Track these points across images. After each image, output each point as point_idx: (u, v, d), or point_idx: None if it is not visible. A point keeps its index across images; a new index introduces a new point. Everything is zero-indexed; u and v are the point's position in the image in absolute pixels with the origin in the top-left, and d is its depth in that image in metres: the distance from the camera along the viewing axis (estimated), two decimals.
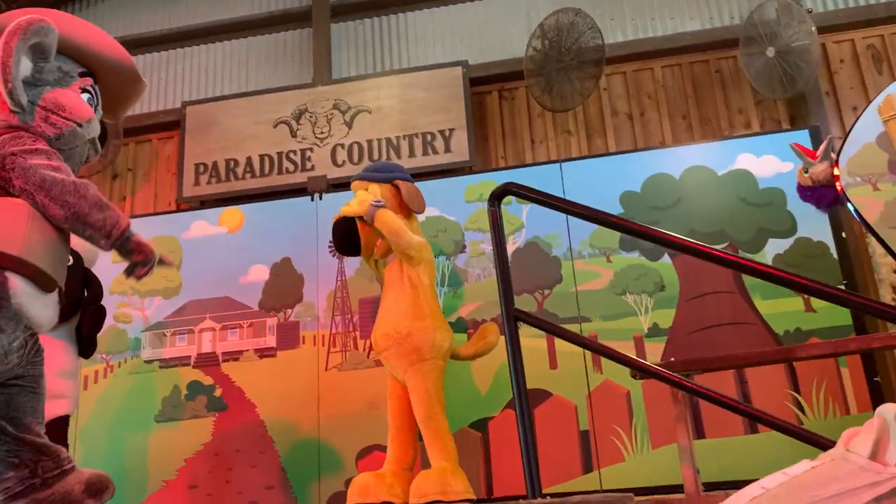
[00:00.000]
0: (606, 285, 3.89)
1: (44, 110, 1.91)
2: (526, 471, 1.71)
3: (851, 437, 0.92)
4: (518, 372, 1.84)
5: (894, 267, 3.70)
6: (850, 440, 0.91)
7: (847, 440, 0.92)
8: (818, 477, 0.87)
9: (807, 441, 1.91)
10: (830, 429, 3.37)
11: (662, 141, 4.47)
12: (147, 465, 3.99)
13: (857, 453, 0.87)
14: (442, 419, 2.95)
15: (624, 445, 3.61)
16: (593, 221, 1.97)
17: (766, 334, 3.67)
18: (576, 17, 4.37)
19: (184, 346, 4.22)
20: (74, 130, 1.96)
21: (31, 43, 1.86)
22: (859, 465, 0.85)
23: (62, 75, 1.99)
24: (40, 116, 1.91)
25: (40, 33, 1.87)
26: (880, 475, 0.83)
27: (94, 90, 2.08)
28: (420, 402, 2.95)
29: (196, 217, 4.49)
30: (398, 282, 3.10)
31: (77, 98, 1.99)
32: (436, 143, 4.57)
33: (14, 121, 1.88)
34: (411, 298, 3.05)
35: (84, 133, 1.99)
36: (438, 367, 3.03)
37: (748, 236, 3.85)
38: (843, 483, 0.84)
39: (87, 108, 2.00)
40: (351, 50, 5.14)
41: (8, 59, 1.80)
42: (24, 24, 1.82)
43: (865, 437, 0.88)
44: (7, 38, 1.80)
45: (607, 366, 3.72)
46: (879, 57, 4.42)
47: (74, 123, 1.96)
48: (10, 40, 1.80)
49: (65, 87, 1.98)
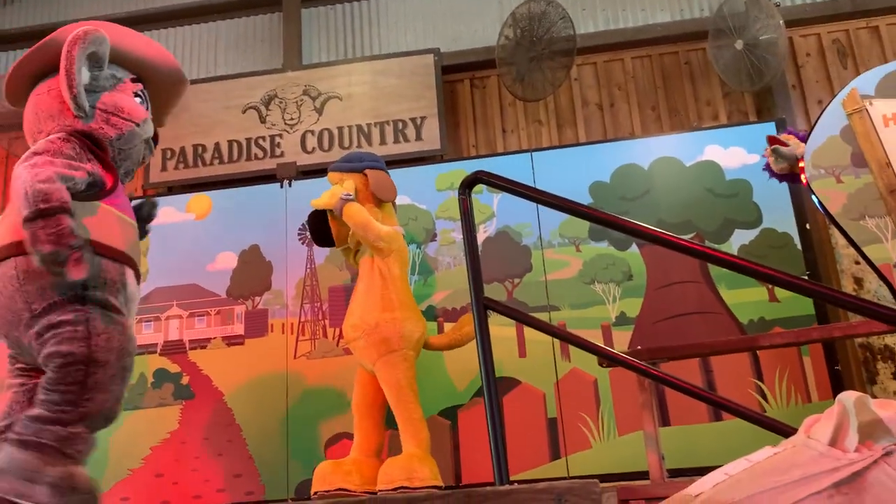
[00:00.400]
0: (575, 274, 3.92)
1: (104, 113, 2.05)
2: (494, 458, 1.72)
3: (812, 424, 0.94)
4: (487, 360, 1.84)
5: (856, 258, 3.78)
6: (811, 427, 0.93)
7: (808, 427, 0.94)
8: (780, 463, 0.89)
9: (769, 428, 1.95)
10: (792, 416, 3.44)
11: (632, 132, 4.50)
12: (111, 454, 3.94)
13: (818, 440, 0.88)
14: (414, 407, 2.96)
15: (591, 433, 3.65)
16: (563, 211, 1.98)
17: (731, 323, 3.73)
18: (547, 7, 4.37)
19: (150, 333, 4.17)
20: (133, 130, 2.10)
21: (89, 52, 1.99)
22: (819, 452, 0.87)
23: (116, 81, 2.13)
24: (101, 119, 2.04)
25: (96, 42, 2.01)
26: (839, 461, 0.84)
27: (143, 94, 2.22)
28: (391, 392, 2.97)
29: (163, 203, 4.42)
30: (369, 272, 3.11)
31: (132, 100, 2.14)
32: (407, 130, 4.55)
33: (78, 125, 2.01)
34: (380, 290, 3.06)
35: (141, 132, 2.14)
36: (409, 358, 3.04)
37: (715, 226, 3.90)
38: (803, 469, 0.85)
39: (142, 109, 2.16)
40: (322, 35, 5.09)
41: (72, 67, 1.93)
42: (82, 35, 1.96)
43: (826, 425, 0.89)
44: (69, 48, 1.94)
45: (575, 354, 3.75)
46: (844, 51, 4.49)
47: (133, 123, 2.10)
48: (72, 49, 1.94)
49: (120, 92, 2.12)
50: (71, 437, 1.81)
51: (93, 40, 1.99)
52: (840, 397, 0.89)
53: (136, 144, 2.14)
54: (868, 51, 4.45)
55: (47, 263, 1.76)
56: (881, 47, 4.44)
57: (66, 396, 1.80)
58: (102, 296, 1.90)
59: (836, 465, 0.84)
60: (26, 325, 1.87)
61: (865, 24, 4.50)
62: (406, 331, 3.02)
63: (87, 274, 1.80)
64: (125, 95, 2.12)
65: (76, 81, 1.94)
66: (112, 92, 2.09)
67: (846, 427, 0.87)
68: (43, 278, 1.83)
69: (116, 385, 1.91)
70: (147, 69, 2.24)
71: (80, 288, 1.85)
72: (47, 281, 1.83)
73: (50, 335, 1.83)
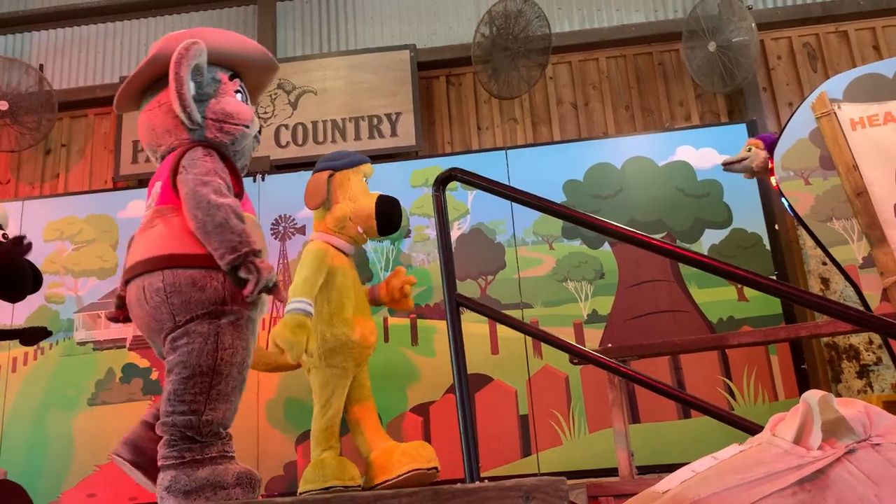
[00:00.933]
0: (548, 272, 3.94)
1: (215, 122, 2.17)
2: (465, 455, 1.72)
3: (777, 422, 0.95)
4: (459, 357, 1.84)
5: (823, 259, 3.84)
6: (777, 425, 0.94)
7: (773, 425, 0.95)
8: (746, 460, 0.90)
9: (737, 426, 1.97)
10: (759, 414, 3.50)
11: (606, 131, 4.53)
12: (79, 450, 3.89)
13: (783, 438, 0.90)
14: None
15: (562, 429, 3.68)
16: (537, 209, 1.99)
17: (701, 322, 3.78)
18: (523, 5, 4.38)
19: (119, 328, 4.11)
20: (244, 132, 2.23)
21: (193, 66, 2.12)
22: (784, 450, 0.88)
23: (217, 84, 2.23)
24: (214, 128, 2.17)
25: (197, 55, 2.13)
26: (803, 459, 0.86)
27: (243, 88, 2.33)
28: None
29: (134, 196, 4.37)
30: (353, 277, 3.14)
31: (237, 103, 2.25)
32: (382, 126, 4.53)
33: (194, 137, 2.15)
34: (362, 296, 3.17)
35: (251, 132, 2.27)
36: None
37: (685, 226, 3.95)
38: (768, 466, 0.87)
39: (248, 110, 2.26)
40: (297, 29, 5.05)
41: (182, 88, 2.07)
42: (184, 53, 2.09)
43: (790, 423, 0.91)
44: (176, 69, 2.07)
45: (547, 351, 3.77)
46: (814, 55, 4.56)
47: (243, 126, 2.22)
48: (180, 70, 2.08)
49: (224, 95, 2.23)
50: (209, 458, 1.95)
51: (194, 54, 2.12)
52: (805, 396, 0.91)
53: (246, 144, 2.28)
54: (837, 55, 4.53)
55: (259, 292, 1.97)
56: (850, 52, 4.51)
57: (192, 406, 1.94)
58: (238, 310, 2.04)
59: (800, 462, 0.85)
60: (166, 334, 2.01)
61: (835, 28, 4.57)
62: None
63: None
64: (229, 98, 2.23)
65: (188, 100, 2.08)
66: (217, 98, 2.20)
67: (810, 425, 0.88)
68: (187, 293, 1.98)
69: (235, 396, 2.05)
70: (242, 63, 2.33)
71: (220, 303, 2.00)
72: (191, 295, 1.97)
73: (182, 343, 1.97)
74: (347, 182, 3.15)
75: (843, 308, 1.44)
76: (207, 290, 1.98)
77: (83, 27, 5.19)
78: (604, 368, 2.10)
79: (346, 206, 3.10)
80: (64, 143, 4.93)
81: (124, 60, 5.09)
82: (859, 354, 3.81)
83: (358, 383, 3.10)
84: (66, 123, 4.96)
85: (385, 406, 3.78)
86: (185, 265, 2.00)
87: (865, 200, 2.99)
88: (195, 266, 2.00)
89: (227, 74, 2.27)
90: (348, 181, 3.16)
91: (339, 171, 3.18)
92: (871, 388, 3.73)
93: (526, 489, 1.05)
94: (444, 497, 1.10)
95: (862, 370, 3.78)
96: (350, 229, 3.10)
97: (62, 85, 5.01)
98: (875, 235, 2.94)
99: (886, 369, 3.73)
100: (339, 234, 3.11)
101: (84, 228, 4.31)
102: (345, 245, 3.11)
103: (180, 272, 1.98)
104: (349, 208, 3.10)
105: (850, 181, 3.02)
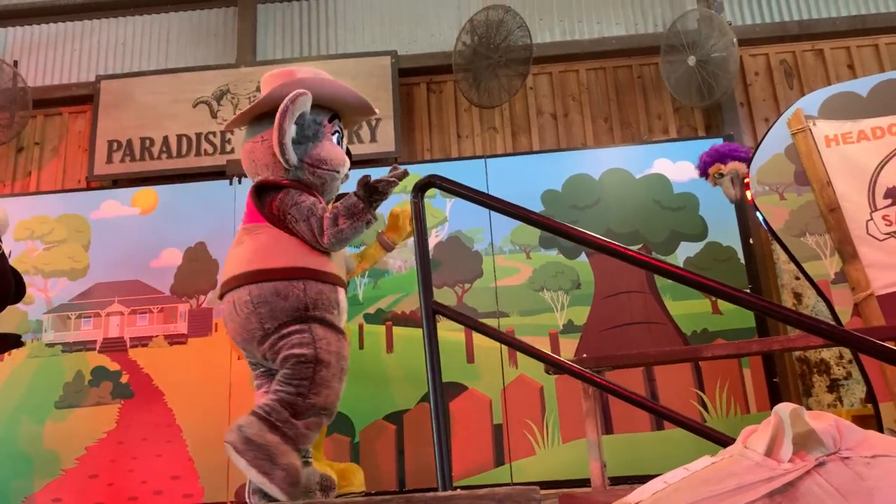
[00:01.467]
0: (525, 281, 3.95)
1: (311, 166, 2.43)
2: (438, 464, 1.71)
3: (749, 434, 0.95)
4: (434, 365, 1.83)
5: (796, 274, 3.88)
6: (748, 437, 0.94)
7: (745, 437, 0.95)
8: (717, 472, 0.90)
9: (709, 438, 1.98)
10: (732, 426, 3.52)
11: (584, 142, 4.56)
12: (44, 453, 3.81)
13: (754, 450, 0.90)
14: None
15: (535, 439, 3.67)
16: (515, 218, 1.99)
17: (675, 334, 3.80)
18: (505, 15, 4.39)
19: (89, 329, 4.05)
20: (334, 176, 2.49)
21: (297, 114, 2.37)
22: (755, 462, 0.88)
23: (318, 127, 2.46)
24: (309, 171, 2.43)
25: (303, 106, 2.38)
26: (774, 471, 0.86)
27: (340, 128, 2.58)
28: None
29: (107, 196, 4.31)
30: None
31: (332, 148, 2.49)
32: (361, 132, 4.52)
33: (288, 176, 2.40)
34: None
35: (340, 175, 2.53)
36: None
37: (661, 238, 3.97)
38: (739, 478, 0.87)
39: (342, 157, 2.52)
40: (277, 32, 5.02)
41: (283, 137, 2.32)
42: (290, 105, 2.32)
43: (762, 435, 0.91)
44: (281, 121, 2.32)
45: (523, 361, 3.77)
46: (791, 72, 4.62)
47: (335, 171, 2.48)
48: (283, 122, 2.32)
49: (322, 139, 2.46)
50: (302, 435, 2.14)
51: (300, 105, 2.36)
52: (776, 409, 0.91)
53: (336, 185, 2.55)
54: (813, 72, 4.59)
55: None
56: (825, 70, 4.58)
57: (298, 389, 2.15)
58: (321, 314, 2.28)
59: (770, 474, 0.85)
60: (259, 342, 2.27)
61: (811, 46, 4.64)
62: None
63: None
64: (326, 143, 2.47)
65: (288, 148, 2.34)
66: (316, 142, 2.44)
67: (781, 438, 0.88)
68: (272, 302, 2.24)
69: (336, 383, 2.24)
70: (340, 104, 2.58)
71: (303, 309, 2.25)
72: (276, 304, 2.24)
73: (282, 344, 2.23)
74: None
75: (815, 322, 1.45)
76: (290, 298, 2.24)
77: (59, 24, 5.12)
78: (579, 379, 2.10)
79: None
80: (37, 141, 4.85)
81: (101, 59, 5.03)
82: (830, 369, 3.85)
83: None
84: (40, 121, 4.88)
85: (359, 413, 3.76)
86: (269, 278, 2.26)
87: (838, 216, 3.03)
88: (278, 278, 2.26)
89: (327, 117, 2.51)
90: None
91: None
92: (841, 402, 3.77)
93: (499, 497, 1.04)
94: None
95: (832, 384, 3.82)
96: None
97: (37, 82, 4.94)
98: (847, 251, 2.97)
99: (856, 384, 3.78)
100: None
101: (56, 228, 4.24)
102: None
103: (265, 285, 2.25)
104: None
105: (823, 197, 3.06)
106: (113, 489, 3.74)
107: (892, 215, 2.98)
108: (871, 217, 2.99)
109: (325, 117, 2.50)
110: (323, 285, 2.32)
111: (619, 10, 4.87)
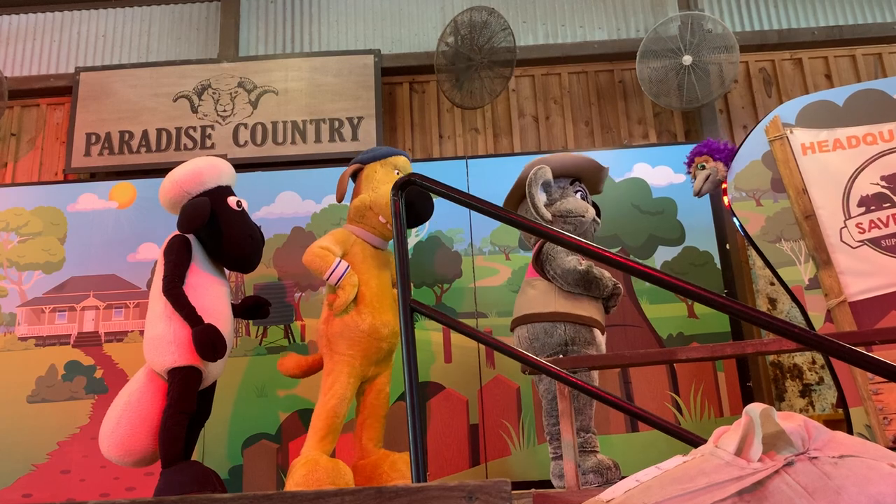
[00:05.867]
0: (504, 282, 3.96)
1: (561, 218, 3.16)
2: (412, 457, 1.71)
3: (721, 434, 0.97)
4: (411, 364, 1.84)
5: (771, 279, 3.93)
6: (720, 437, 0.96)
7: (717, 437, 0.97)
8: (688, 471, 0.91)
9: (683, 440, 2.00)
10: (705, 429, 3.55)
11: (565, 145, 4.58)
12: (15, 448, 3.76)
13: (725, 449, 0.91)
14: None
15: (511, 440, 3.69)
16: (495, 218, 2.00)
17: (651, 337, 3.83)
18: (489, 17, 4.41)
19: (64, 323, 4.00)
20: (582, 221, 3.17)
21: (542, 182, 3.10)
22: (725, 461, 0.90)
23: (562, 190, 3.23)
24: (559, 221, 3.14)
25: (543, 176, 3.11)
26: (743, 470, 0.87)
27: (582, 188, 3.30)
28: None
29: (85, 189, 4.27)
30: (378, 268, 3.21)
31: (575, 201, 3.20)
32: (343, 130, 4.51)
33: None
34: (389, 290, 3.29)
35: (587, 219, 3.20)
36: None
37: (639, 242, 4.00)
38: (710, 477, 0.88)
39: (584, 206, 3.20)
40: (260, 27, 5.00)
41: (533, 200, 3.04)
42: (533, 178, 3.07)
43: (733, 435, 0.92)
44: (529, 189, 3.06)
45: (500, 361, 3.78)
46: (770, 80, 4.68)
47: (580, 217, 3.17)
48: (531, 189, 3.06)
49: (566, 197, 3.21)
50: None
51: (540, 176, 3.09)
52: (747, 409, 0.92)
53: (586, 227, 3.20)
54: (791, 81, 4.65)
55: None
56: (803, 78, 4.65)
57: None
58: (577, 349, 2.99)
59: (740, 473, 0.87)
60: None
61: (790, 55, 4.71)
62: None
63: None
64: (569, 198, 3.21)
65: (540, 208, 3.04)
66: (561, 200, 3.20)
67: (751, 438, 0.90)
68: (542, 339, 2.99)
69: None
70: (580, 171, 3.29)
71: (563, 345, 2.98)
72: (545, 341, 2.99)
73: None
74: (374, 174, 3.25)
75: (789, 327, 1.47)
76: (555, 336, 2.97)
77: (39, 14, 5.06)
78: (555, 379, 2.11)
79: (367, 196, 3.20)
80: (14, 132, 4.79)
81: (80, 51, 4.98)
82: (803, 374, 3.90)
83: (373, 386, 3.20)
84: (17, 112, 4.82)
85: None
86: (540, 321, 3.00)
87: (813, 223, 3.07)
88: (546, 321, 2.99)
89: (568, 181, 3.27)
90: (374, 173, 3.25)
91: (367, 164, 3.30)
92: (813, 406, 3.82)
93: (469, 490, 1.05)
94: (388, 496, 1.10)
95: (805, 389, 3.87)
96: (370, 219, 3.19)
97: (14, 73, 4.88)
98: (821, 258, 3.01)
99: (828, 389, 3.83)
100: (360, 223, 3.20)
101: (31, 220, 4.19)
102: (367, 235, 3.19)
103: (537, 325, 3.01)
104: (369, 197, 3.18)
105: (799, 204, 3.10)
106: (85, 485, 3.70)
107: (865, 223, 3.02)
108: (846, 225, 3.04)
109: (567, 181, 3.25)
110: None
111: (602, 15, 4.90)
